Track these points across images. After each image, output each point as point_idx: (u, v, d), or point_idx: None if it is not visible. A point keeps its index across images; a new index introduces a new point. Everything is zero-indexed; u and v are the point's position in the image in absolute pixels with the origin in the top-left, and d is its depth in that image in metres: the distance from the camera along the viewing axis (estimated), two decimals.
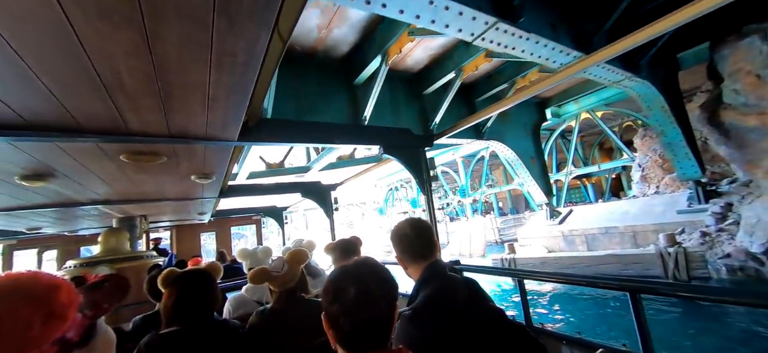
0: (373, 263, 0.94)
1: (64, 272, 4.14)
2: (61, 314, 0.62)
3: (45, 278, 0.62)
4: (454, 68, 4.93)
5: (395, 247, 1.48)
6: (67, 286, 0.64)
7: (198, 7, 0.99)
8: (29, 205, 3.35)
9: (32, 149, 1.83)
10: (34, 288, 0.60)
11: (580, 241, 11.22)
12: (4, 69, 1.11)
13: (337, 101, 4.33)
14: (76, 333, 0.66)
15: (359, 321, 0.85)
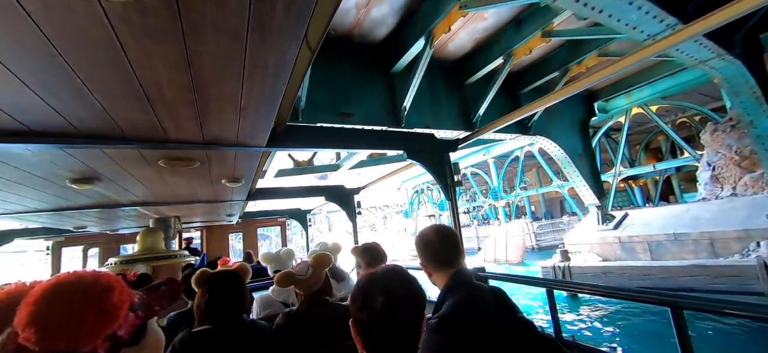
0: (401, 272, 0.94)
1: (106, 268, 4.44)
2: (112, 313, 0.67)
3: (103, 279, 0.67)
4: (501, 53, 4.47)
5: (420, 253, 1.48)
6: (120, 287, 0.69)
7: (234, 23, 1.03)
8: (76, 206, 3.61)
9: (81, 155, 1.98)
10: (93, 287, 0.65)
11: (641, 249, 9.63)
12: (60, 84, 1.21)
13: (372, 92, 4.03)
14: (127, 332, 0.71)
15: (387, 329, 0.85)
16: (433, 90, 4.65)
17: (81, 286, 0.64)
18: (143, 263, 4.11)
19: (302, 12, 1.05)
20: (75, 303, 0.62)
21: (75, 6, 0.88)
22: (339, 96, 3.74)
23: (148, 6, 0.91)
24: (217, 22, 1.01)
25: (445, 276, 1.38)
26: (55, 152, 1.86)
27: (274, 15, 1.04)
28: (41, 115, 1.41)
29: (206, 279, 1.64)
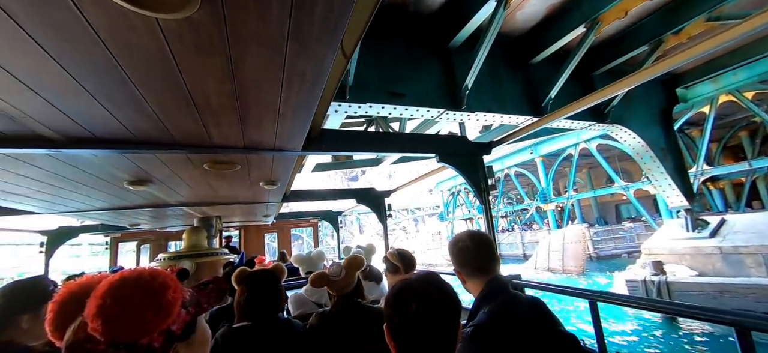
0: (436, 279, 0.93)
1: (155, 263, 4.80)
2: (167, 308, 0.72)
3: (160, 277, 0.73)
4: (584, 20, 3.67)
5: (454, 259, 1.45)
6: (174, 285, 0.75)
7: (275, 34, 1.08)
8: (131, 205, 3.94)
9: (137, 159, 2.16)
10: (151, 284, 0.71)
11: (753, 262, 7.68)
12: (122, 96, 1.33)
13: (427, 70, 3.52)
14: (179, 327, 0.76)
15: (420, 336, 0.85)
16: (493, 70, 3.97)
17: (141, 283, 0.70)
18: (188, 259, 4.39)
19: (339, 21, 1.07)
20: (136, 298, 0.68)
21: (136, 24, 0.96)
22: (390, 74, 3.30)
23: (199, 22, 0.98)
24: (260, 33, 1.06)
25: (480, 283, 1.35)
26: (116, 157, 2.05)
27: (313, 25, 1.07)
28: (105, 124, 1.56)
29: (245, 277, 1.71)
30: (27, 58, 1.06)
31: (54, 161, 2.05)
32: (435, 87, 3.59)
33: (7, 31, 0.92)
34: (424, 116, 3.60)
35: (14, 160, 1.96)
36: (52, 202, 3.39)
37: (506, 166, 24.74)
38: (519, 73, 4.35)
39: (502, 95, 4.14)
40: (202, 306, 0.86)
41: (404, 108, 3.39)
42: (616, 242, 19.41)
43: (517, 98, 4.26)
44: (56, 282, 1.51)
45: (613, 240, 19.64)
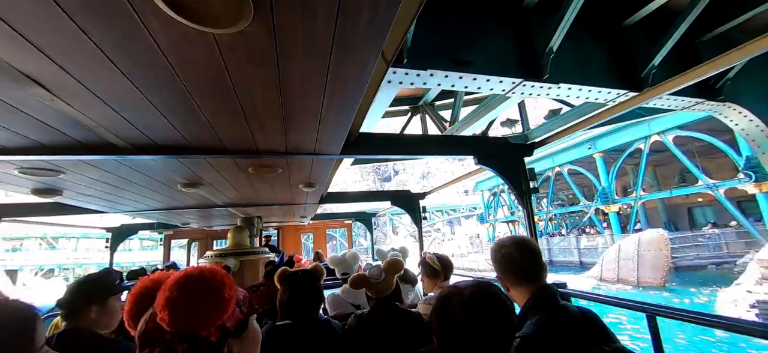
0: (488, 289, 0.89)
1: (204, 260, 5.14)
2: (224, 304, 0.77)
3: (219, 275, 0.79)
4: None
5: (497, 266, 1.40)
6: (229, 283, 0.80)
7: (320, 41, 1.11)
8: (183, 205, 4.25)
9: (191, 164, 2.32)
10: (211, 281, 0.76)
11: None
12: (180, 106, 1.44)
13: (497, 33, 2.92)
14: (233, 324, 0.80)
15: (466, 346, 0.82)
16: (576, 34, 3.14)
17: (202, 279, 0.76)
18: (233, 257, 4.66)
19: (382, 27, 1.08)
20: (198, 293, 0.74)
21: (195, 40, 1.03)
22: (453, 37, 2.76)
23: (251, 34, 1.03)
24: (306, 42, 1.09)
25: (525, 292, 1.29)
26: (172, 162, 2.21)
27: (357, 31, 1.08)
28: (165, 132, 1.69)
29: (287, 277, 1.77)
30: (103, 76, 1.17)
31: (120, 166, 2.26)
32: (508, 53, 2.94)
33: (88, 52, 1.02)
34: (493, 89, 2.96)
35: (88, 165, 2.19)
36: (116, 202, 3.74)
37: (557, 164, 22.80)
38: (607, 40, 3.46)
39: (589, 64, 3.30)
40: (254, 307, 0.91)
41: (471, 78, 2.75)
42: (699, 251, 16.42)
43: (606, 68, 3.40)
44: (122, 275, 1.65)
45: (694, 248, 16.51)
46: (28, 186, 2.65)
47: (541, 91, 3.16)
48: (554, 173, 23.65)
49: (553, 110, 5.26)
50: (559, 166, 22.76)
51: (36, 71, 1.12)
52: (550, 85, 3.06)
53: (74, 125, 1.56)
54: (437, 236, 34.61)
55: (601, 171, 19.44)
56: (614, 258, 15.57)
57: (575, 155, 20.93)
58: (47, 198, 3.04)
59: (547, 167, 23.68)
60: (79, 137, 1.72)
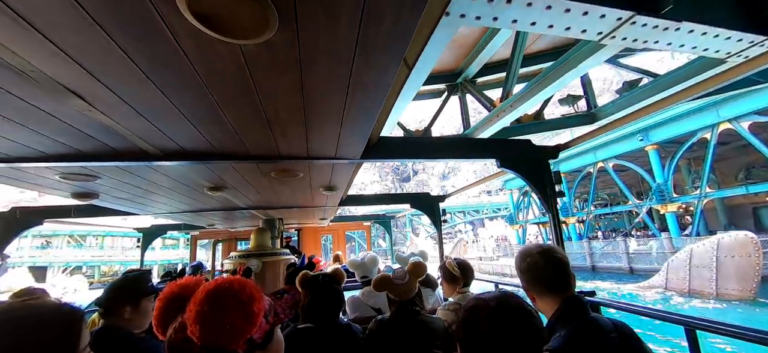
0: (515, 301, 0.86)
1: (228, 261, 5.30)
2: (254, 318, 0.77)
3: (247, 288, 0.79)
4: None
5: (521, 276, 1.35)
6: (259, 296, 0.80)
7: (343, 49, 1.11)
8: (209, 208, 4.39)
9: (217, 169, 2.39)
10: (241, 294, 0.77)
11: None
12: (206, 114, 1.48)
13: None
14: (260, 336, 0.81)
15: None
16: None
17: (234, 293, 0.76)
18: (256, 258, 4.77)
19: (404, 34, 1.06)
20: (229, 308, 0.74)
21: (221, 51, 1.05)
22: None
23: (275, 43, 1.04)
24: (329, 49, 1.10)
25: (552, 303, 1.23)
26: (199, 167, 2.29)
27: (379, 36, 1.07)
28: (193, 139, 1.75)
29: (308, 281, 1.79)
30: (138, 88, 1.22)
31: (151, 171, 2.37)
32: None
33: (124, 66, 1.07)
34: (587, 31, 2.27)
35: (122, 170, 2.30)
36: (147, 204, 3.92)
37: (601, 158, 20.18)
38: None
39: None
40: (279, 317, 0.91)
41: (562, 8, 2.06)
42: None
43: (733, 5, 2.44)
44: (153, 277, 1.71)
45: None
46: (68, 190, 2.82)
47: (652, 34, 2.28)
48: (596, 169, 20.96)
49: (629, 81, 4.01)
50: (603, 161, 19.97)
51: (75, 84, 1.18)
52: (667, 22, 2.20)
53: (110, 134, 1.64)
54: (463, 239, 33.09)
55: (655, 166, 16.80)
56: (684, 265, 13.20)
57: (622, 148, 18.36)
58: (84, 201, 3.22)
59: (589, 163, 21.31)
60: (115, 144, 1.81)
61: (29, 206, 5.11)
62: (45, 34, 0.90)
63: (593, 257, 20.34)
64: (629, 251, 18.12)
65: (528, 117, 4.18)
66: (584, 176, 22.51)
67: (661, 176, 16.72)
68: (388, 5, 0.93)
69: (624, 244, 18.48)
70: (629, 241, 18.63)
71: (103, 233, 32.88)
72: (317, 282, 1.76)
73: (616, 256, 18.92)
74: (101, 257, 32.44)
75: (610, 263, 19.20)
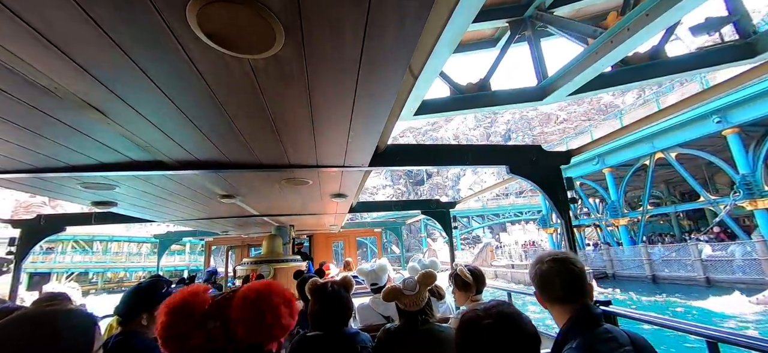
0: (510, 311, 0.87)
1: (241, 267, 5.39)
2: (292, 318, 0.81)
3: (287, 291, 0.83)
4: None
5: (534, 283, 1.33)
6: (294, 298, 0.84)
7: (348, 60, 1.13)
8: (222, 215, 4.48)
9: (229, 178, 2.46)
10: (284, 293, 0.81)
11: None
12: (218, 125, 1.53)
13: None
14: (277, 347, 0.83)
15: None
16: None
17: (278, 291, 0.81)
18: (267, 264, 4.84)
19: (408, 45, 1.08)
20: (272, 306, 0.78)
21: (232, 65, 1.09)
22: None
23: (282, 57, 1.07)
24: (335, 61, 1.13)
25: (564, 312, 1.21)
26: (211, 176, 2.35)
27: (383, 48, 1.10)
28: (207, 150, 1.81)
29: (316, 289, 1.80)
30: (154, 103, 1.28)
31: (167, 180, 2.44)
32: None
33: (141, 83, 1.13)
34: None
35: (139, 180, 2.38)
36: (163, 212, 4.03)
37: (660, 148, 16.34)
38: None
39: None
40: (293, 321, 0.94)
41: None
42: None
43: None
44: (170, 283, 1.74)
45: None
46: (88, 199, 2.93)
47: None
48: (654, 160, 16.89)
49: None
50: (663, 150, 16.12)
51: (95, 99, 1.24)
52: None
53: (128, 145, 1.71)
54: (489, 244, 29.05)
55: (738, 154, 13.46)
56: None
57: (690, 134, 14.84)
58: (104, 209, 3.34)
59: (644, 153, 17.28)
60: (133, 155, 1.88)
61: (53, 213, 5.33)
62: (66, 53, 0.96)
63: (653, 266, 16.42)
64: (703, 258, 14.45)
65: (640, 57, 2.88)
66: (638, 169, 18.29)
67: (746, 166, 13.17)
68: (391, 18, 0.95)
69: (694, 250, 14.72)
70: (701, 246, 14.96)
71: (108, 237, 31.96)
72: (326, 291, 1.77)
73: (682, 264, 15.25)
74: (103, 263, 31.01)
75: (676, 272, 15.52)
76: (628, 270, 17.72)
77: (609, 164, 19.33)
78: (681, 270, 15.34)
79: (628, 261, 17.81)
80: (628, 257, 17.99)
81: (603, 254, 19.36)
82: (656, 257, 16.58)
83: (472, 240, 43.13)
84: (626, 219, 18.91)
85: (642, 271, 16.81)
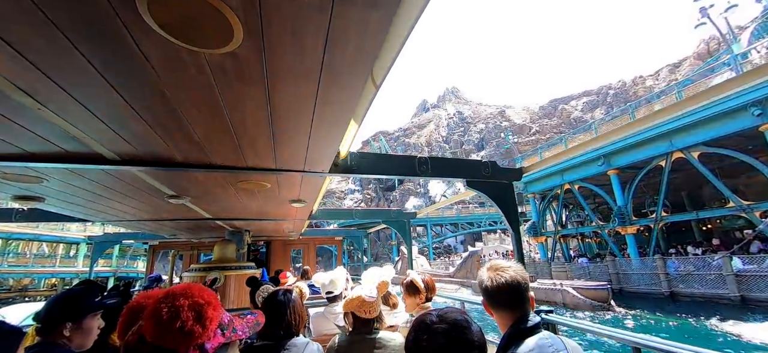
0: (453, 316, 0.91)
1: (188, 273, 5.03)
2: (206, 323, 0.78)
3: (206, 293, 0.81)
4: None
5: (481, 290, 1.40)
6: (216, 304, 0.82)
7: (310, 67, 1.14)
8: (171, 217, 4.18)
9: (179, 177, 2.31)
10: (197, 297, 0.79)
11: None
12: (173, 124, 1.45)
13: None
14: (213, 348, 0.80)
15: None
16: None
17: (189, 294, 0.77)
18: (217, 271, 4.56)
19: (370, 54, 1.11)
20: (183, 307, 0.74)
21: (185, 59, 1.05)
22: None
23: (241, 56, 1.05)
24: (295, 65, 1.12)
25: (506, 318, 1.28)
26: (160, 174, 2.20)
27: (345, 58, 1.11)
28: (155, 146, 1.69)
29: (267, 297, 1.74)
30: (93, 90, 1.18)
31: (106, 176, 2.24)
32: None
33: (78, 67, 1.04)
34: None
35: (72, 173, 2.16)
36: (100, 211, 3.67)
37: (679, 146, 13.77)
38: None
39: None
40: (237, 334, 0.90)
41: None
42: None
43: None
44: (103, 290, 1.57)
45: None
46: (9, 192, 2.60)
47: None
48: (671, 160, 14.33)
49: None
50: (683, 150, 13.72)
51: (27, 82, 1.12)
52: None
53: (61, 134, 1.55)
54: (477, 253, 23.70)
55: None
56: None
57: (717, 130, 12.39)
58: (28, 204, 2.97)
59: (660, 153, 14.67)
60: (66, 145, 1.71)
61: None
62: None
63: (671, 282, 13.79)
64: (737, 273, 11.92)
65: None
66: (649, 171, 15.57)
67: None
68: (352, 32, 0.98)
69: (725, 262, 12.16)
70: (728, 257, 12.51)
71: (22, 235, 25.73)
72: (277, 297, 1.72)
73: (707, 280, 12.73)
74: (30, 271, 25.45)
75: (700, 289, 12.87)
76: (639, 285, 14.88)
77: (616, 166, 16.56)
78: (706, 287, 12.70)
79: (637, 275, 15.02)
80: (636, 270, 15.16)
81: (607, 266, 16.13)
82: (674, 271, 13.83)
83: (444, 250, 40.80)
84: (634, 227, 16.25)
85: (656, 287, 14.00)
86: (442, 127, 64.25)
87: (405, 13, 1.02)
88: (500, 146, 50.58)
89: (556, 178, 18.85)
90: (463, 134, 61.14)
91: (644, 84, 45.07)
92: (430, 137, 61.40)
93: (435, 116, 68.02)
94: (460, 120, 65.60)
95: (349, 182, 53.12)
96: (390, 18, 0.98)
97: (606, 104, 47.48)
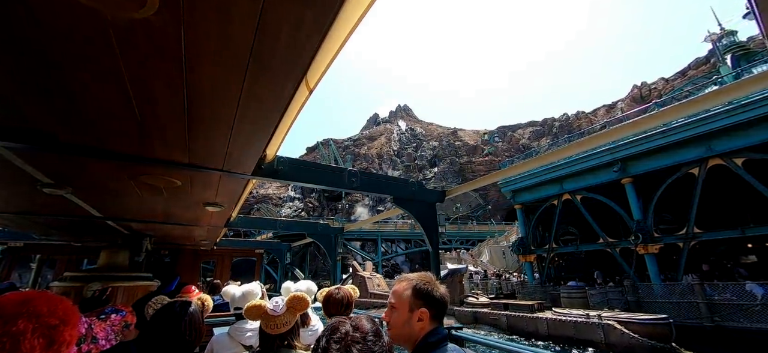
0: (359, 323, 0.94)
1: (58, 282, 4.11)
2: (59, 349, 0.62)
3: (61, 307, 0.65)
4: None
5: (424, 297, 1.44)
6: (73, 320, 0.66)
7: (235, 54, 1.07)
8: (45, 211, 3.42)
9: (60, 161, 1.91)
10: (46, 316, 0.61)
11: None
12: (56, 90, 1.20)
13: None
14: None
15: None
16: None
17: (31, 311, 0.59)
18: (99, 281, 3.84)
19: (304, 53, 1.10)
20: (24, 332, 0.57)
21: (81, 16, 0.90)
22: None
23: (154, 24, 0.94)
24: (219, 48, 1.05)
25: (427, 327, 1.33)
26: (33, 155, 1.79)
27: (276, 51, 1.08)
28: (27, 115, 1.38)
29: (159, 308, 1.51)
30: None
31: None
32: None
33: None
34: None
35: None
36: None
37: (719, 150, 11.59)
38: None
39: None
40: (99, 343, 0.75)
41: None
42: None
43: None
44: None
45: None
46: None
47: None
48: (706, 168, 12.24)
49: None
50: (722, 155, 11.66)
51: None
52: None
53: None
54: (459, 271, 18.04)
55: None
56: None
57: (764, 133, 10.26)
58: None
59: (690, 158, 12.58)
60: None
61: None
62: None
63: (712, 307, 10.79)
64: None
65: None
66: (676, 179, 13.15)
67: None
68: (284, 24, 0.96)
69: None
70: None
71: None
72: (171, 309, 1.48)
73: None
74: None
75: (753, 323, 9.86)
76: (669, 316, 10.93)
77: (632, 173, 14.19)
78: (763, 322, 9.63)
79: (667, 304, 11.70)
80: (659, 298, 12.09)
81: (627, 293, 13.02)
82: (716, 297, 10.91)
83: (392, 268, 37.52)
84: (657, 246, 13.32)
85: (694, 318, 10.99)
86: (394, 141, 65.26)
87: (344, 15, 1.03)
88: (454, 164, 52.95)
89: (553, 186, 16.78)
90: (415, 149, 62.55)
91: (586, 117, 51.86)
92: (382, 150, 61.78)
93: (386, 130, 69.03)
94: (412, 136, 67.43)
95: (288, 188, 49.53)
96: (327, 19, 0.98)
97: (551, 135, 53.05)
